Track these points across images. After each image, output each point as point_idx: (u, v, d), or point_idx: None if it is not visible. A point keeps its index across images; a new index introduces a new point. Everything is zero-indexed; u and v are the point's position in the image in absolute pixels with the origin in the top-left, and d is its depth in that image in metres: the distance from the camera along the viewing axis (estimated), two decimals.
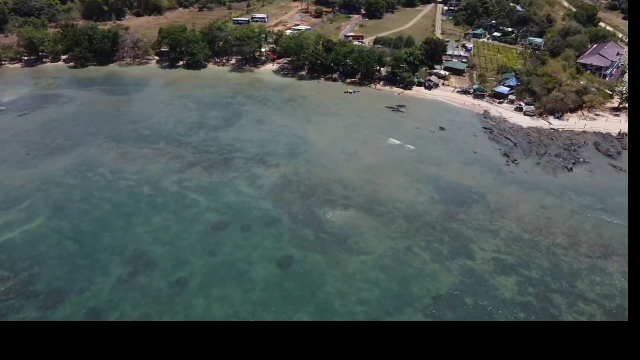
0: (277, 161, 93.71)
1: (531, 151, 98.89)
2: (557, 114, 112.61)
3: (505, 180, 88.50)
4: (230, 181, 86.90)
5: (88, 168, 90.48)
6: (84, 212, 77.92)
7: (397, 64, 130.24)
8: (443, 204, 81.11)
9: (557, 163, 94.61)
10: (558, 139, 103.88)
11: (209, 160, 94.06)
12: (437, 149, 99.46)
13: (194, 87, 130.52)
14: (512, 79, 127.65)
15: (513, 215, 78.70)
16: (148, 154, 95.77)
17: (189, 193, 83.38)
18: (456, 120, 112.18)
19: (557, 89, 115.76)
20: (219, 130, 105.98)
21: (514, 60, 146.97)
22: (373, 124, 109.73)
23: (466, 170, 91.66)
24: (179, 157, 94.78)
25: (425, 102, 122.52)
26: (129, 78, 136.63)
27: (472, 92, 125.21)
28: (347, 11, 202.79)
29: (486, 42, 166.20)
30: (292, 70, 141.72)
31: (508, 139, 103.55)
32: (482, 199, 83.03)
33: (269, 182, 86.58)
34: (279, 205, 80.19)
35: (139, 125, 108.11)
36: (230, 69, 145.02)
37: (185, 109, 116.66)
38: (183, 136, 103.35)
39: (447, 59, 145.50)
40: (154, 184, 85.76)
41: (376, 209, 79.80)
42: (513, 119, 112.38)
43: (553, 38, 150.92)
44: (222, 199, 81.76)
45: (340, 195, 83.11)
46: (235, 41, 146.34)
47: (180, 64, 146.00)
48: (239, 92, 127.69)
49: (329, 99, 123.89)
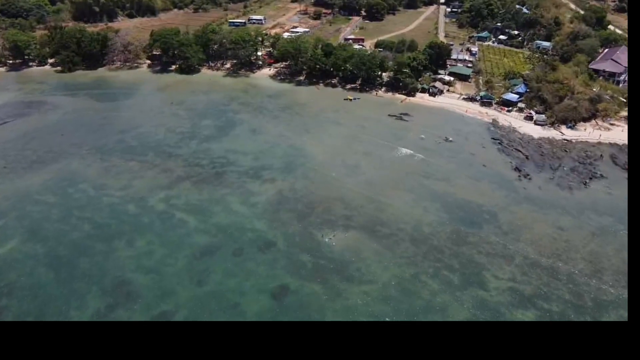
0: (272, 176, 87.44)
1: (544, 165, 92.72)
2: (570, 124, 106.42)
3: (518, 198, 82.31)
4: (222, 198, 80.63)
5: (69, 183, 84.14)
6: (61, 234, 71.60)
7: (399, 69, 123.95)
8: (452, 225, 74.91)
9: (572, 178, 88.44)
10: (572, 151, 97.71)
11: (200, 174, 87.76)
12: (443, 162, 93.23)
13: (186, 93, 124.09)
14: (520, 86, 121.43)
15: (528, 237, 72.50)
16: (134, 168, 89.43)
17: (177, 212, 77.10)
18: (463, 130, 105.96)
19: (569, 97, 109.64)
20: (211, 141, 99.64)
21: (521, 65, 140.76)
22: (375, 134, 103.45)
23: (475, 186, 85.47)
24: (167, 171, 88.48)
25: (430, 110, 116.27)
26: (118, 83, 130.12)
27: (478, 100, 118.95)
28: (346, 13, 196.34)
29: (491, 46, 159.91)
30: (289, 75, 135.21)
31: (519, 151, 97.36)
32: (494, 218, 76.85)
33: (264, 200, 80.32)
34: (274, 226, 73.96)
35: (127, 135, 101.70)
36: (224, 73, 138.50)
37: (176, 118, 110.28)
38: (173, 147, 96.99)
39: (452, 63, 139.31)
40: (139, 201, 79.47)
41: (379, 230, 73.59)
42: (523, 129, 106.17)
43: (562, 42, 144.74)
44: (213, 219, 75.49)
45: (341, 215, 76.87)
46: (230, 45, 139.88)
47: (173, 69, 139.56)
48: (234, 98, 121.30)
49: (328, 106, 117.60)
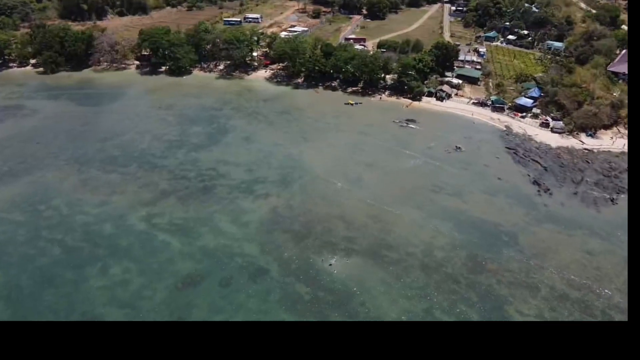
0: (267, 190, 79.15)
1: (565, 178, 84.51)
2: (590, 131, 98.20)
3: (539, 216, 74.10)
4: (210, 217, 72.32)
5: (41, 199, 75.78)
6: (26, 260, 63.25)
7: (404, 71, 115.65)
8: (467, 249, 66.69)
9: (597, 193, 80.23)
10: (594, 162, 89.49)
11: (186, 188, 79.45)
12: (454, 174, 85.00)
13: (176, 96, 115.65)
14: (534, 90, 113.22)
15: (554, 263, 64.29)
16: (115, 181, 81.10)
17: (159, 233, 68.80)
18: (474, 138, 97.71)
19: (588, 102, 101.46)
20: (200, 150, 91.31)
21: (533, 67, 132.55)
22: (378, 142, 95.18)
23: (491, 203, 77.27)
24: (150, 185, 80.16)
25: (438, 115, 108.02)
26: (103, 86, 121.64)
27: (489, 105, 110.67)
28: (347, 11, 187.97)
29: (500, 46, 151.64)
30: (286, 77, 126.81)
31: (536, 162, 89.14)
32: (514, 241, 68.63)
33: (257, 219, 72.03)
34: (268, 250, 65.68)
35: (108, 143, 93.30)
36: (217, 75, 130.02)
37: (164, 124, 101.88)
38: (158, 158, 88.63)
39: (459, 65, 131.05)
40: (117, 220, 71.14)
41: (386, 255, 65.33)
42: (539, 137, 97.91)
43: (575, 42, 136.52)
44: (199, 242, 67.20)
45: (342, 237, 68.61)
46: (223, 45, 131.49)
47: (163, 70, 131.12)
48: (226, 103, 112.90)
49: (328, 111, 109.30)
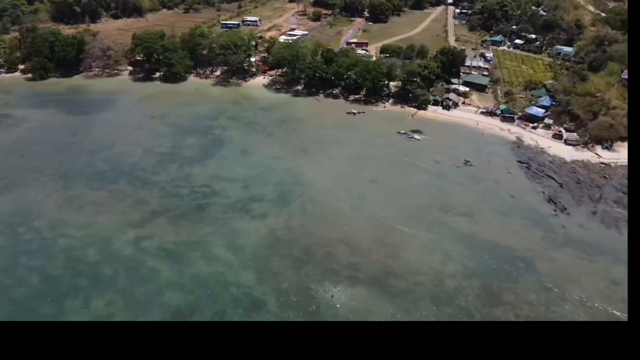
0: (264, 210, 73.95)
1: (582, 195, 79.34)
2: (606, 144, 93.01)
3: (557, 240, 68.89)
4: (203, 240, 67.09)
5: (21, 220, 70.49)
6: (1, 291, 58.06)
7: (409, 78, 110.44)
8: (481, 277, 61.49)
9: (618, 213, 74.97)
10: (613, 178, 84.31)
11: (178, 207, 74.24)
12: (464, 191, 79.80)
13: (170, 105, 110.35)
14: (545, 98, 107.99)
15: (576, 295, 59.10)
16: (101, 199, 75.85)
17: (148, 259, 63.60)
18: (484, 151, 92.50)
19: (604, 112, 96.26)
20: (194, 165, 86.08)
21: (542, 73, 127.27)
22: (383, 156, 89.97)
23: (504, 224, 72.05)
24: (140, 204, 74.93)
25: (444, 125, 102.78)
26: (94, 93, 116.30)
27: (499, 114, 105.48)
28: (348, 14, 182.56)
29: (507, 51, 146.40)
30: (286, 84, 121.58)
31: (551, 178, 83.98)
32: (531, 268, 63.43)
33: (253, 242, 66.80)
34: (265, 279, 60.50)
35: (97, 157, 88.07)
36: (214, 82, 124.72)
37: (156, 135, 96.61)
38: (149, 173, 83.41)
39: (466, 71, 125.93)
40: (102, 244, 65.91)
41: (393, 284, 60.16)
42: (553, 150, 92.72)
43: (586, 47, 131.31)
44: (190, 269, 61.99)
45: (346, 263, 63.42)
46: (220, 50, 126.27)
47: (157, 76, 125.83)
48: (223, 112, 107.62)
49: (329, 121, 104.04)
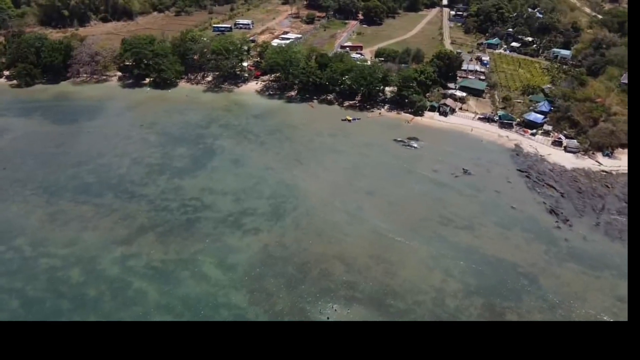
0: (257, 224, 71.17)
1: (585, 206, 77.11)
2: (607, 151, 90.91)
3: (560, 254, 66.57)
4: (193, 258, 64.25)
5: (1, 238, 67.29)
6: None
7: (405, 84, 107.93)
8: (483, 296, 59.04)
9: (622, 224, 72.76)
10: (615, 187, 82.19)
11: (167, 222, 71.31)
12: (464, 202, 77.38)
13: (160, 113, 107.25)
14: (543, 103, 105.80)
15: (582, 314, 56.75)
16: (87, 214, 72.81)
17: (134, 279, 60.70)
18: (482, 159, 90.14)
19: (604, 119, 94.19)
20: (184, 176, 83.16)
21: (540, 77, 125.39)
22: (379, 165, 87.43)
23: (506, 238, 69.66)
24: (127, 219, 71.93)
25: (442, 132, 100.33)
26: (82, 101, 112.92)
27: (497, 120, 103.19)
28: (342, 16, 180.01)
29: (504, 54, 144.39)
30: (279, 89, 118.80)
31: (551, 187, 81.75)
32: (534, 285, 61.07)
33: (245, 260, 64.04)
34: (257, 300, 57.79)
35: (83, 168, 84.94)
36: (205, 88, 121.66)
37: (145, 145, 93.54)
38: (137, 185, 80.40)
39: (462, 75, 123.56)
40: (87, 264, 62.91)
41: (391, 304, 57.59)
42: (553, 157, 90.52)
43: (584, 50, 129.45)
44: (179, 290, 59.14)
45: (342, 282, 60.78)
46: (211, 55, 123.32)
47: (146, 82, 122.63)
48: (214, 119, 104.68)
49: (324, 128, 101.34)
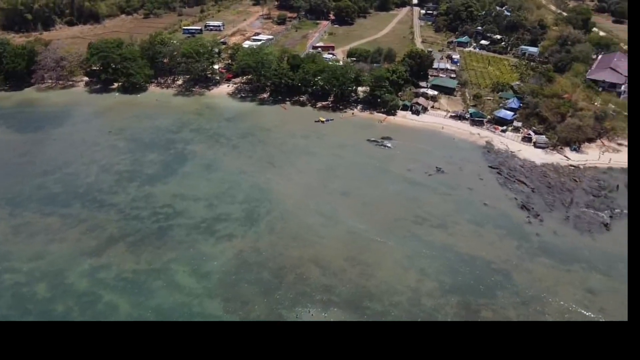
0: (230, 230, 70.21)
1: (554, 200, 78.49)
2: (575, 146, 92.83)
3: (532, 249, 67.57)
4: (166, 267, 62.94)
5: None
6: None
7: (377, 84, 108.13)
8: (458, 294, 59.45)
9: (590, 217, 74.41)
10: (582, 181, 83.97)
11: (139, 231, 69.68)
12: (437, 201, 77.90)
13: (129, 118, 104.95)
14: (513, 100, 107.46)
15: (555, 308, 57.67)
16: (54, 225, 70.60)
17: (104, 292, 59.05)
18: (455, 157, 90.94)
19: (571, 114, 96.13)
20: (155, 183, 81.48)
21: (509, 74, 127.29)
22: (353, 166, 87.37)
23: (479, 235, 70.35)
24: (96, 229, 70.02)
25: (415, 131, 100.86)
26: (47, 108, 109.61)
27: (468, 118, 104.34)
28: (313, 17, 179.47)
29: (473, 52, 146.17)
30: (251, 92, 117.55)
31: (522, 183, 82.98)
32: (508, 281, 61.81)
33: (219, 267, 63.06)
34: (232, 308, 56.98)
35: (49, 178, 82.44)
36: (175, 92, 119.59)
37: (114, 152, 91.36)
38: (106, 194, 78.39)
39: (433, 74, 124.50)
40: (54, 278, 60.95)
41: (368, 307, 57.49)
42: (523, 153, 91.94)
43: (551, 47, 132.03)
44: (152, 301, 57.83)
45: (318, 285, 60.38)
46: (182, 58, 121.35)
47: (115, 87, 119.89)
48: (185, 124, 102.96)
49: (297, 130, 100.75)
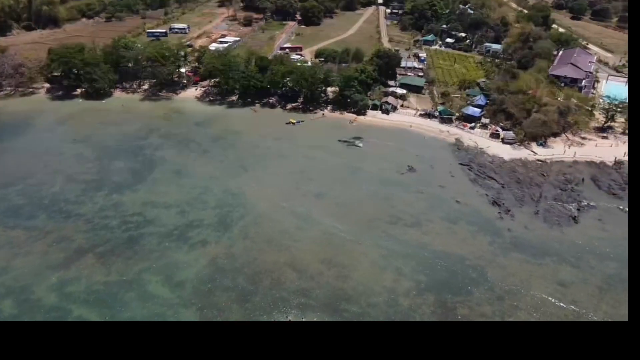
0: (203, 236, 68.95)
1: (524, 195, 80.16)
2: (541, 141, 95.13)
3: (505, 244, 68.81)
4: (138, 278, 61.28)
5: None
6: None
7: (347, 84, 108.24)
8: (435, 292, 59.96)
9: (558, 211, 76.30)
10: (550, 175, 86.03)
11: (108, 242, 67.63)
12: (411, 200, 78.49)
13: (94, 125, 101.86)
14: (480, 97, 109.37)
15: (529, 302, 58.85)
16: (18, 239, 67.82)
17: (74, 306, 57.06)
18: (426, 155, 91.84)
19: (536, 110, 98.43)
20: (124, 191, 79.30)
21: (475, 72, 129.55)
22: (326, 167, 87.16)
23: (453, 232, 71.19)
24: (63, 241, 67.61)
25: (385, 131, 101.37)
26: (6, 116, 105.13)
27: (437, 116, 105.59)
28: (280, 18, 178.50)
29: (439, 50, 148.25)
30: (219, 95, 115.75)
31: (492, 179, 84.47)
32: (483, 277, 62.74)
33: (193, 276, 61.80)
34: (208, 317, 55.81)
35: (11, 190, 79.17)
36: (141, 96, 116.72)
37: (80, 160, 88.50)
38: (73, 204, 75.84)
39: (401, 72, 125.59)
40: (20, 294, 58.53)
41: (346, 309, 57.34)
42: (492, 149, 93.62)
43: (514, 44, 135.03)
44: (124, 313, 56.13)
45: (294, 289, 59.90)
46: (147, 62, 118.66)
47: (78, 93, 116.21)
48: (153, 129, 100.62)
49: (267, 133, 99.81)
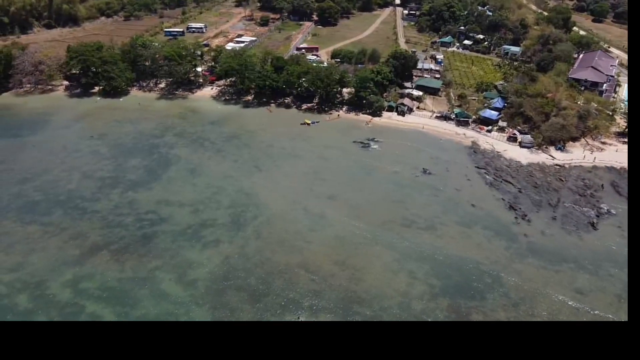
0: (217, 236, 69.01)
1: (541, 200, 78.78)
2: (559, 145, 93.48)
3: (521, 250, 67.64)
4: (151, 276, 61.54)
5: None
6: None
7: (362, 85, 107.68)
8: (448, 297, 59.16)
9: (576, 217, 74.84)
10: (568, 180, 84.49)
11: (122, 239, 68.06)
12: (425, 203, 77.64)
13: (110, 123, 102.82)
14: (497, 100, 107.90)
15: (544, 309, 57.72)
16: (34, 234, 68.63)
17: (88, 302, 57.49)
18: (441, 158, 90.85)
19: (555, 113, 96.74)
20: (138, 189, 79.81)
21: (492, 74, 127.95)
22: (340, 169, 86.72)
23: (468, 236, 70.20)
24: (79, 237, 68.24)
25: (400, 132, 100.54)
26: (25, 113, 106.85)
27: (453, 118, 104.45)
28: (297, 18, 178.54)
29: (457, 52, 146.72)
30: (235, 94, 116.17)
31: (509, 183, 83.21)
32: (498, 283, 61.71)
33: (206, 275, 61.85)
34: (220, 316, 55.89)
35: (29, 185, 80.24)
36: (158, 95, 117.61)
37: (96, 157, 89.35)
38: (88, 201, 76.53)
39: (418, 74, 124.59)
40: (35, 289, 59.16)
41: (358, 312, 56.85)
42: (509, 153, 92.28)
43: (532, 47, 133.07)
44: (137, 311, 56.39)
45: (306, 291, 59.58)
46: (164, 61, 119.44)
47: (95, 91, 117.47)
48: (169, 128, 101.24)
49: (282, 133, 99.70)
